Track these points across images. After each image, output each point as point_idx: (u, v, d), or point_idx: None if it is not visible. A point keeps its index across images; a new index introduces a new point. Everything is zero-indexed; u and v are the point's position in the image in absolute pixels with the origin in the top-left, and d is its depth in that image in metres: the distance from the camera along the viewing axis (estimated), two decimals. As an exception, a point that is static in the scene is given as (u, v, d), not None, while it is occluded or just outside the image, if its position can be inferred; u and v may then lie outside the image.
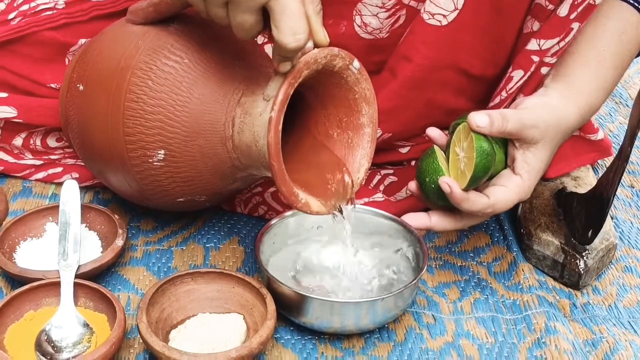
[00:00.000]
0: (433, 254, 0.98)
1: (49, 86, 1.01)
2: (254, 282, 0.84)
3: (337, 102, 0.85)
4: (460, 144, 0.83)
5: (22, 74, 1.00)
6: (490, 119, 0.82)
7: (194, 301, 0.85)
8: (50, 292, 0.83)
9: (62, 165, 1.06)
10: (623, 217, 1.06)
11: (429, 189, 0.85)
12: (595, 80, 0.89)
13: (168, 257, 0.95)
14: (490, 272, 0.95)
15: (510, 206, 0.85)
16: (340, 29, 0.98)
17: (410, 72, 0.95)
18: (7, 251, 0.90)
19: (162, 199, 0.89)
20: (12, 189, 1.05)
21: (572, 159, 1.06)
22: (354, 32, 0.98)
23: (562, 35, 0.89)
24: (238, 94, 0.83)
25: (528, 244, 0.97)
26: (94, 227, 0.95)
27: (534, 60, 0.91)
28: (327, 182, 0.86)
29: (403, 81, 0.96)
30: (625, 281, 0.95)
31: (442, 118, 0.98)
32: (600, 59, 0.89)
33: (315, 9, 0.74)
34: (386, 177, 1.05)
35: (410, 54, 0.94)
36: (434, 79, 0.96)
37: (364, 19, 0.97)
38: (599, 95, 0.90)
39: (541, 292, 0.92)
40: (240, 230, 1.00)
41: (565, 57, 0.90)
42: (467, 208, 0.83)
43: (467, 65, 0.96)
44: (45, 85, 1.01)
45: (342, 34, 0.98)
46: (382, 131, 0.98)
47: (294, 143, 0.88)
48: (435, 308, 0.89)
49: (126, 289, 0.90)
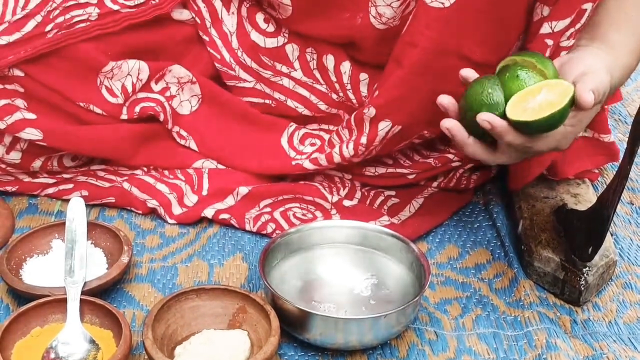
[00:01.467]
0: (434, 270, 0.99)
1: (78, 104, 1.01)
2: (258, 299, 0.85)
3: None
4: (550, 90, 0.81)
5: (54, 88, 1.00)
6: (595, 95, 0.81)
7: (198, 317, 0.86)
8: (57, 309, 0.84)
9: (73, 182, 1.07)
10: (623, 233, 1.07)
11: (470, 121, 0.83)
12: (628, 43, 0.90)
13: (173, 274, 0.96)
14: (492, 288, 0.96)
15: (549, 149, 0.85)
16: (357, 20, 1.01)
17: (416, 57, 0.95)
18: (13, 268, 0.91)
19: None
20: (18, 206, 1.06)
21: (586, 158, 1.09)
22: (369, 23, 1.00)
23: (572, 15, 0.90)
24: None
25: (529, 260, 0.98)
26: (100, 243, 0.96)
27: (548, 44, 0.92)
28: None
29: (409, 68, 0.96)
30: (625, 297, 0.96)
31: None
32: (630, 23, 0.90)
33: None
34: (389, 199, 1.06)
35: (414, 40, 0.95)
36: (438, 67, 0.96)
37: (378, 9, 0.99)
38: (632, 57, 0.90)
39: (542, 308, 0.92)
40: (244, 247, 1.01)
41: (594, 22, 0.91)
42: (509, 140, 0.81)
43: (469, 52, 0.95)
44: (75, 102, 1.01)
45: (358, 25, 1.00)
46: (391, 123, 0.99)
47: None
48: (437, 324, 0.90)
49: (131, 305, 0.91)
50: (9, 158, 1.02)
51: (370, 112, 0.99)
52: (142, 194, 1.05)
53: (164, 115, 1.06)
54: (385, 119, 0.99)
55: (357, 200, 1.06)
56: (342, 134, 1.04)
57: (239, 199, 1.04)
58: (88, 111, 1.02)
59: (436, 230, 1.06)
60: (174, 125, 1.07)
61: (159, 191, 1.05)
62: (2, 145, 1.01)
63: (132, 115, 1.04)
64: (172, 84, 1.05)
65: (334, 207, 1.04)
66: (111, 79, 1.01)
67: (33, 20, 0.96)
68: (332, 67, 1.06)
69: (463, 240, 1.04)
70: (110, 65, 1.01)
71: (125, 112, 1.04)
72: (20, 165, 1.03)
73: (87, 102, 1.01)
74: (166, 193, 1.05)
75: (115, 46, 1.01)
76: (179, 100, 1.07)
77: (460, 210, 1.10)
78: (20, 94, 0.99)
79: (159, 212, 1.04)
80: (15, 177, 1.06)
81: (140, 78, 1.03)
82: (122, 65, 1.01)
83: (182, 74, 1.05)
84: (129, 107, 1.04)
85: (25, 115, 0.99)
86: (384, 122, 0.99)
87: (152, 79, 1.04)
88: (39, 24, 0.97)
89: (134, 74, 1.02)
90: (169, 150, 1.08)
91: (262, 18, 1.05)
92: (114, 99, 1.02)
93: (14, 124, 0.98)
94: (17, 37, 0.96)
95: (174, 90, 1.06)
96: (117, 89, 1.02)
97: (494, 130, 0.81)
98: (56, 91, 1.00)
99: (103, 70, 1.01)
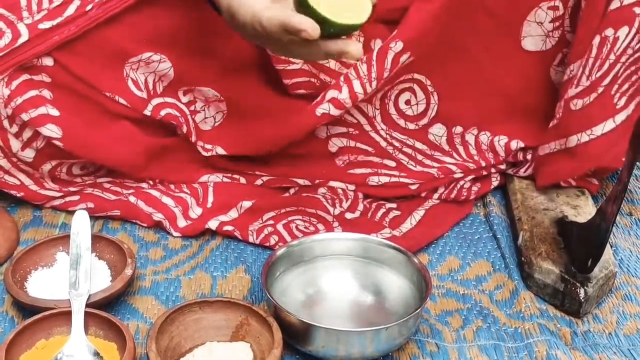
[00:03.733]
0: (435, 282, 0.99)
1: (105, 94, 1.01)
2: (260, 311, 0.86)
3: None
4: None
5: (81, 77, 0.99)
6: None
7: (201, 330, 0.87)
8: (61, 321, 0.85)
9: (80, 194, 1.07)
10: (622, 245, 1.08)
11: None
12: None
13: (176, 286, 0.97)
14: (492, 300, 0.97)
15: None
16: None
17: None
18: (18, 280, 0.92)
19: None
20: (22, 219, 1.06)
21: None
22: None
23: None
24: None
25: (529, 272, 0.98)
26: (104, 256, 0.97)
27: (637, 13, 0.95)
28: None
29: (441, 2, 0.99)
30: (625, 309, 0.97)
31: (448, 54, 1.03)
32: None
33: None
34: (390, 211, 1.07)
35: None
36: (460, 3, 0.99)
37: None
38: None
39: (542, 320, 0.93)
40: (246, 259, 1.02)
41: None
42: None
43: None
44: (102, 92, 1.01)
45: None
46: (410, 54, 1.01)
47: None
48: (439, 336, 0.91)
49: (135, 317, 0.92)
50: (23, 155, 1.01)
51: (397, 46, 1.00)
52: (148, 207, 1.06)
53: (187, 128, 1.06)
54: (407, 52, 1.01)
55: (359, 212, 1.07)
56: (361, 69, 1.03)
57: (242, 211, 1.05)
58: (114, 102, 1.01)
59: (437, 241, 1.06)
60: (197, 140, 1.08)
61: (164, 204, 1.06)
62: (20, 140, 1.00)
63: (156, 115, 1.04)
64: (199, 100, 1.06)
65: (336, 219, 1.05)
66: (136, 70, 1.01)
67: (72, 4, 0.97)
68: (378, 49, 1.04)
69: (464, 252, 1.05)
70: (139, 57, 1.01)
71: (151, 110, 1.04)
72: (32, 164, 1.03)
73: (113, 93, 1.01)
74: (171, 206, 1.06)
75: (146, 32, 1.00)
76: (203, 116, 1.07)
77: (461, 222, 1.10)
78: (47, 84, 0.98)
79: (164, 225, 1.05)
80: (22, 182, 1.05)
81: (162, 80, 1.03)
82: (151, 63, 1.01)
83: (210, 94, 1.05)
84: (156, 107, 1.04)
85: (49, 110, 0.99)
86: (406, 54, 1.01)
87: (179, 88, 1.05)
88: (78, 6, 0.97)
89: (159, 74, 1.02)
90: (178, 164, 1.09)
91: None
92: (139, 92, 1.02)
93: (37, 118, 0.98)
94: (59, 20, 0.96)
95: (200, 106, 1.06)
96: (141, 82, 1.02)
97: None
98: (83, 80, 0.99)
99: (130, 60, 1.01)
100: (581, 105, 1.03)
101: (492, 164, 1.13)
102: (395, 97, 1.08)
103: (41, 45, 0.96)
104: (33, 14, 0.96)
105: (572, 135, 1.04)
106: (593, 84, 1.01)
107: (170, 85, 1.04)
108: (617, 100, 1.01)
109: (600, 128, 1.02)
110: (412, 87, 1.08)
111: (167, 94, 1.05)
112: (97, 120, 1.02)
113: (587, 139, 1.03)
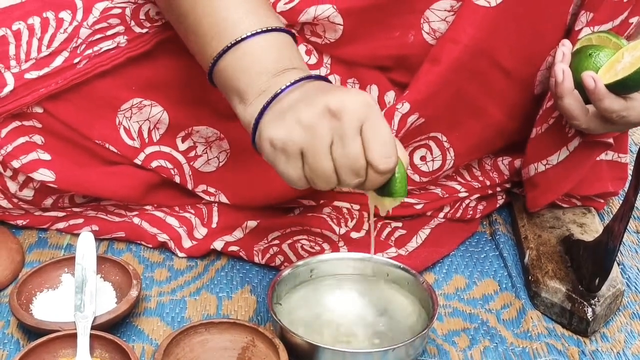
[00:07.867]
0: (442, 302, 0.99)
1: (96, 142, 1.01)
2: (266, 332, 0.86)
3: None
4: (632, 51, 0.87)
5: (72, 126, 1.00)
6: None
7: (207, 351, 0.86)
8: (67, 344, 0.85)
9: (84, 217, 1.07)
10: (630, 263, 1.07)
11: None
12: None
13: (181, 307, 0.96)
14: (499, 319, 0.97)
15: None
16: (409, 38, 0.99)
17: (456, 54, 0.96)
18: (23, 302, 0.92)
19: None
20: (27, 240, 1.06)
21: (607, 180, 1.10)
22: (423, 40, 0.99)
23: (616, 21, 0.94)
24: None
25: (536, 291, 0.98)
26: (109, 277, 0.96)
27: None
28: None
29: (447, 64, 0.97)
30: (633, 328, 0.96)
31: (465, 113, 1.02)
32: None
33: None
34: (396, 230, 1.07)
35: (457, 37, 0.96)
36: (471, 67, 0.98)
37: (432, 25, 0.98)
38: None
39: (550, 339, 0.93)
40: (252, 280, 1.01)
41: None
42: (605, 106, 0.87)
43: (502, 57, 0.98)
44: (92, 140, 1.01)
45: (411, 43, 0.99)
46: (419, 115, 1.00)
47: None
48: (446, 357, 0.90)
49: (141, 339, 0.91)
50: (22, 194, 1.02)
51: (404, 107, 0.99)
52: (153, 228, 1.06)
53: (180, 178, 1.05)
54: (415, 113, 1.00)
55: (364, 232, 1.07)
56: None
57: (247, 231, 1.05)
58: (104, 149, 1.02)
59: (443, 261, 1.06)
60: (197, 185, 1.06)
61: (169, 225, 1.06)
62: (16, 183, 1.01)
63: (147, 165, 1.03)
64: (200, 144, 1.04)
65: (342, 239, 1.05)
66: (129, 118, 1.01)
67: (60, 56, 0.97)
68: (376, 97, 1.04)
69: (470, 270, 1.05)
70: (130, 103, 1.00)
71: (142, 159, 1.03)
72: (33, 202, 1.04)
73: (103, 141, 1.01)
74: (176, 227, 1.06)
75: (139, 79, 1.00)
76: (205, 159, 1.05)
77: (467, 241, 1.10)
78: (38, 130, 0.99)
79: (169, 245, 1.05)
80: (26, 211, 1.06)
81: (157, 127, 1.02)
82: (143, 108, 1.01)
83: (210, 133, 1.03)
84: (148, 156, 1.03)
85: (40, 155, 0.99)
86: (414, 115, 1.00)
87: (176, 135, 1.03)
88: (66, 58, 0.97)
89: (153, 121, 1.02)
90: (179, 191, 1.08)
91: (303, 50, 1.02)
92: (130, 141, 1.02)
93: (28, 164, 0.99)
94: (46, 71, 0.96)
95: (201, 150, 1.04)
96: (134, 131, 1.02)
97: (595, 91, 0.86)
98: (73, 129, 1.00)
99: (122, 107, 1.00)
100: (534, 134, 1.05)
101: (497, 182, 1.13)
102: (410, 153, 1.06)
103: (27, 97, 0.96)
104: (21, 62, 0.96)
105: (531, 165, 1.06)
106: (544, 113, 1.03)
107: (168, 132, 1.03)
108: (568, 129, 1.02)
109: (555, 157, 1.04)
110: (428, 143, 1.06)
111: (164, 141, 1.03)
112: (90, 162, 1.03)
113: (544, 169, 1.05)
